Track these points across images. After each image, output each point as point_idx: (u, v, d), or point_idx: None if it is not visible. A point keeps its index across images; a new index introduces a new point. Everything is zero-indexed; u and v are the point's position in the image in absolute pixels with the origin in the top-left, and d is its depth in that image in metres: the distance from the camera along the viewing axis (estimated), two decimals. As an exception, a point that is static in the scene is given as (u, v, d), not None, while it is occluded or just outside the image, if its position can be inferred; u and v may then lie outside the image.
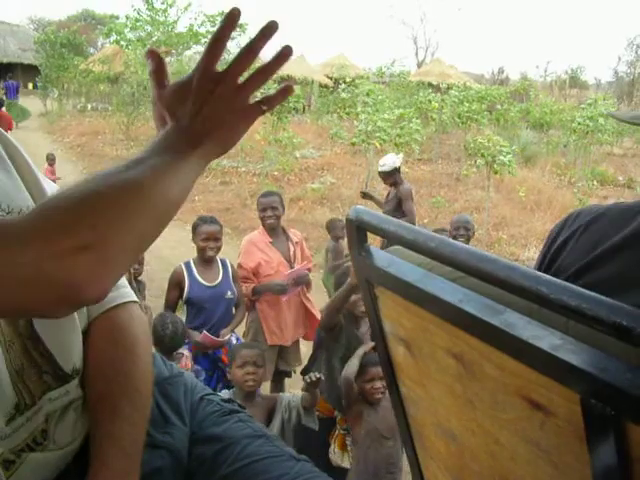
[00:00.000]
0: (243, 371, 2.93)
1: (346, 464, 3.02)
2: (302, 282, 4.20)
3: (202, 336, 3.59)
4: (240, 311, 3.95)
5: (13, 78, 27.54)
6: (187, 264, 3.82)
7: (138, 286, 4.04)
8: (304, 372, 3.44)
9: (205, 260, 3.80)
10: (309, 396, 2.92)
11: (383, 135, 10.07)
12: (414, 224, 5.11)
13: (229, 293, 3.79)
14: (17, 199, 0.93)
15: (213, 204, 10.70)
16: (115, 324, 1.06)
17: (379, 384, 2.86)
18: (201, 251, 3.79)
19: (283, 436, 2.86)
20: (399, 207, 5.96)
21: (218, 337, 3.66)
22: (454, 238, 4.53)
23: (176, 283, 3.77)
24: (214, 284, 3.77)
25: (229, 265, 3.90)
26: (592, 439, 0.67)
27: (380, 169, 6.14)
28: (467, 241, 4.66)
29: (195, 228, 3.82)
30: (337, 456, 3.04)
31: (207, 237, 3.75)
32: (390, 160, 6.07)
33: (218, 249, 3.82)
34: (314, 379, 2.85)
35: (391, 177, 6.10)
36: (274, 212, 4.19)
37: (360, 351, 3.01)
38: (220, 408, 1.22)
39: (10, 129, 14.44)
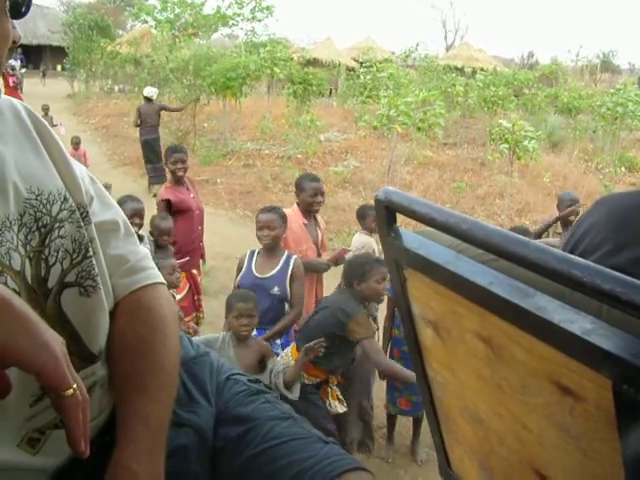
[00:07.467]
0: (239, 322, 3.14)
1: (343, 410, 3.44)
2: (341, 263, 4.15)
3: None
4: (289, 315, 3.64)
5: (43, 59, 27.52)
6: (252, 251, 3.76)
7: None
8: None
9: (265, 248, 3.70)
10: (294, 370, 3.05)
11: (405, 119, 9.92)
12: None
13: (276, 289, 3.59)
14: (48, 182, 0.94)
15: (235, 187, 10.68)
16: (143, 304, 1.06)
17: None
18: (259, 239, 3.70)
19: None
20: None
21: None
22: None
23: (239, 267, 3.76)
24: (263, 276, 3.63)
25: (292, 263, 3.67)
26: (623, 425, 0.66)
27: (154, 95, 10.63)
28: None
29: (256, 217, 3.75)
30: (336, 406, 3.41)
31: (261, 226, 3.66)
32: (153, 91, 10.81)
33: (273, 238, 3.64)
34: (318, 348, 3.03)
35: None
36: (323, 197, 4.23)
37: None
38: (247, 388, 1.22)
39: None
